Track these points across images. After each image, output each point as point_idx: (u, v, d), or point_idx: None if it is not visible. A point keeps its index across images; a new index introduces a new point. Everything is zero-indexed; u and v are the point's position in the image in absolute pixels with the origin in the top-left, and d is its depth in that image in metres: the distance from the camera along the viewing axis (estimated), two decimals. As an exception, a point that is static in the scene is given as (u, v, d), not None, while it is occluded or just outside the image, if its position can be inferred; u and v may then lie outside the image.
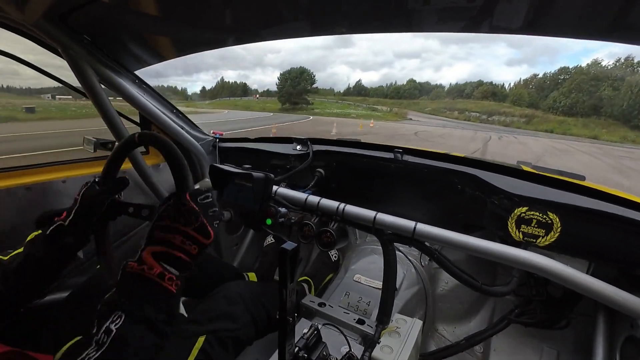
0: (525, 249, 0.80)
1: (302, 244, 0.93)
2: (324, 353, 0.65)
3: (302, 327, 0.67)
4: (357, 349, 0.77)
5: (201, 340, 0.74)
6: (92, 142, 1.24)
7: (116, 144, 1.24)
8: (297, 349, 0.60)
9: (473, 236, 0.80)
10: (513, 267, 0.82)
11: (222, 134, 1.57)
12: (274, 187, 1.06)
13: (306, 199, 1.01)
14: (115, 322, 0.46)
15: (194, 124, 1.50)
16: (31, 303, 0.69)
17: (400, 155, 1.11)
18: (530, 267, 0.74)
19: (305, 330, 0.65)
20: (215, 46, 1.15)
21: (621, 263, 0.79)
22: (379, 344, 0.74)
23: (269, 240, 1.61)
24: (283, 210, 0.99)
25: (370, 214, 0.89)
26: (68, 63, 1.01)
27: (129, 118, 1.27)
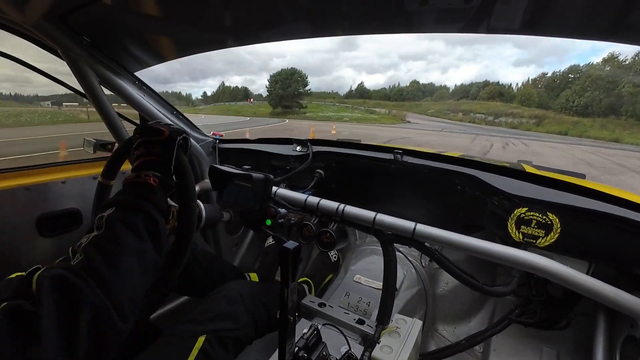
0: (525, 249, 0.79)
1: (301, 244, 0.93)
2: (323, 353, 0.66)
3: (302, 327, 0.67)
4: (357, 349, 0.77)
5: (201, 340, 0.74)
6: (91, 144, 1.24)
7: (116, 145, 1.24)
8: (297, 348, 0.60)
9: (473, 237, 0.80)
10: (513, 267, 0.82)
11: (222, 135, 1.57)
12: (274, 188, 1.05)
13: (306, 199, 1.01)
14: (107, 212, 0.56)
15: (194, 125, 1.50)
16: None
17: (400, 157, 1.11)
18: (530, 267, 0.74)
19: (305, 330, 0.65)
20: (215, 47, 1.16)
21: (621, 263, 0.79)
22: (378, 344, 0.74)
23: (270, 240, 1.61)
24: (283, 211, 0.99)
25: (370, 214, 0.89)
26: (68, 64, 1.02)
27: (129, 119, 1.27)
